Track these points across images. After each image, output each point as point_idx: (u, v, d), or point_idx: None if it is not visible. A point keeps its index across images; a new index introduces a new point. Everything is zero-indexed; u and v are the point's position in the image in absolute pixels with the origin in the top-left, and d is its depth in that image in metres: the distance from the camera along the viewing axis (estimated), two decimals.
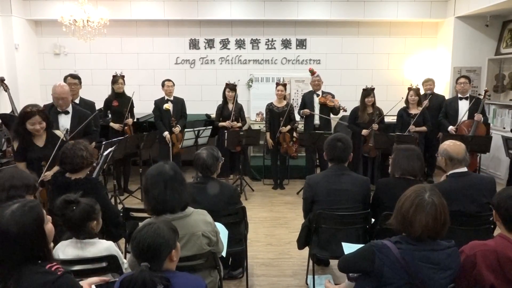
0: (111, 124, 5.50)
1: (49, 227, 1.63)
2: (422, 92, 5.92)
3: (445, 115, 5.64)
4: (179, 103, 5.90)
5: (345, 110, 5.81)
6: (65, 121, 4.01)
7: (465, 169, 2.77)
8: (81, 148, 2.68)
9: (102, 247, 2.06)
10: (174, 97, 5.85)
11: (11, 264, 1.47)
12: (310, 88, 6.05)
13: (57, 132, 3.48)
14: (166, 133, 5.64)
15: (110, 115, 5.50)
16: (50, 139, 3.37)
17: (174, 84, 5.84)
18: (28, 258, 1.50)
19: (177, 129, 5.67)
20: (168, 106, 5.72)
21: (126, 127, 5.53)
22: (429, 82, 6.15)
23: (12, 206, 1.51)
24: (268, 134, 5.92)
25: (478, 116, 5.20)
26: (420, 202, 1.77)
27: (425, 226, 1.75)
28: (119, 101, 5.49)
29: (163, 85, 5.78)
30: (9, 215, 1.48)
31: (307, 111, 5.81)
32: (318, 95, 5.85)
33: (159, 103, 5.75)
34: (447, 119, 5.59)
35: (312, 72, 6.02)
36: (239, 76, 7.10)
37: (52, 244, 1.70)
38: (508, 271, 1.77)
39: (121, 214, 2.93)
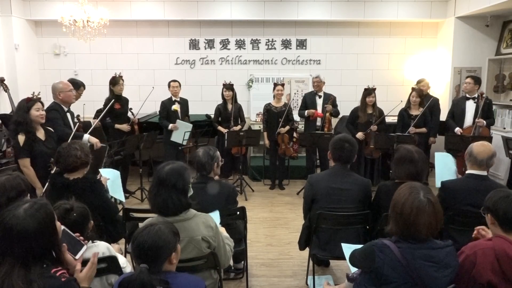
0: (118, 126, 5.34)
1: (58, 224, 1.63)
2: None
3: (452, 115, 5.58)
4: (185, 104, 5.93)
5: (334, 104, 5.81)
6: (70, 120, 4.09)
7: (484, 173, 2.70)
8: (76, 148, 2.67)
9: (101, 248, 2.06)
10: (180, 97, 5.87)
11: (22, 261, 1.45)
12: (311, 89, 6.03)
13: (49, 128, 3.63)
14: (171, 125, 5.64)
15: (109, 119, 5.27)
16: (48, 134, 3.53)
17: (180, 85, 5.85)
18: (39, 257, 1.49)
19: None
20: (176, 107, 5.74)
21: (135, 126, 5.57)
22: (422, 83, 6.06)
23: (23, 206, 1.51)
24: (265, 134, 5.92)
25: (480, 122, 5.17)
26: (419, 204, 1.78)
27: (428, 226, 1.77)
28: (120, 103, 5.39)
29: (169, 85, 5.79)
30: (23, 213, 1.48)
31: (312, 111, 5.75)
32: (320, 96, 5.85)
33: (167, 104, 5.76)
34: (453, 119, 5.54)
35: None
36: (239, 77, 7.12)
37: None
38: (506, 268, 1.78)
39: (121, 214, 2.93)
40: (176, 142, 5.67)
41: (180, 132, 5.67)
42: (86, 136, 3.95)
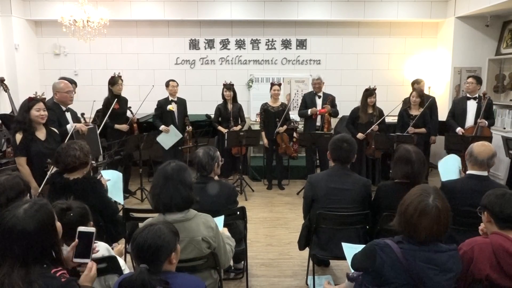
0: (117, 126, 5.33)
1: (58, 224, 1.63)
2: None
3: (452, 115, 5.56)
4: (182, 104, 5.92)
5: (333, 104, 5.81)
6: (70, 119, 4.07)
7: (485, 173, 2.70)
8: (75, 148, 2.68)
9: (101, 249, 2.05)
10: (178, 97, 5.87)
11: (22, 261, 1.45)
12: (311, 89, 6.04)
13: (53, 129, 3.61)
14: (162, 126, 5.64)
15: (107, 119, 5.16)
16: (50, 134, 3.50)
17: (178, 84, 5.85)
18: (39, 257, 1.49)
19: (190, 129, 5.84)
20: (172, 107, 5.73)
21: (134, 125, 5.57)
22: (422, 83, 6.07)
23: (23, 206, 1.51)
24: (263, 134, 5.91)
25: (482, 122, 5.17)
26: (424, 207, 1.75)
27: (429, 231, 1.75)
28: (119, 103, 5.34)
29: (167, 85, 5.79)
30: (22, 213, 1.48)
31: (315, 109, 5.75)
32: (319, 97, 5.85)
33: (163, 104, 5.76)
34: (454, 118, 5.52)
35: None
36: (239, 77, 7.12)
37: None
38: (503, 263, 1.79)
39: (121, 214, 2.93)
40: (159, 144, 5.68)
41: (169, 137, 5.67)
42: (70, 125, 3.91)
